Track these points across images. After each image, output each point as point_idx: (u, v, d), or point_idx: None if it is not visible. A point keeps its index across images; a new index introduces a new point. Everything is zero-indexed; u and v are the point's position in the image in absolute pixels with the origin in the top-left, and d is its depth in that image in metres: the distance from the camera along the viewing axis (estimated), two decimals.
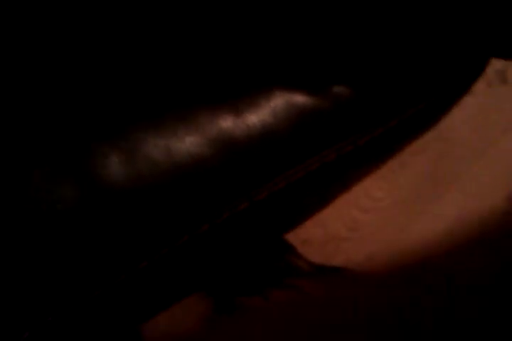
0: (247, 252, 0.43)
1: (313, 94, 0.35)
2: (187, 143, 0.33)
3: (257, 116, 0.34)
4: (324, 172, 0.36)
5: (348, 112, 0.35)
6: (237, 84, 0.34)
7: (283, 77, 0.35)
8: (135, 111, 0.33)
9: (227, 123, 0.33)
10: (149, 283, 0.34)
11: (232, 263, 0.44)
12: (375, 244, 0.67)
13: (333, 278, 0.57)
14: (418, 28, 0.37)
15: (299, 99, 0.35)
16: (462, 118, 0.75)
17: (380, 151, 0.39)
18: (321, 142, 0.35)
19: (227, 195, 0.33)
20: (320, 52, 0.36)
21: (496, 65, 0.79)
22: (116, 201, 0.31)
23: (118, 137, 0.32)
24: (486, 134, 0.76)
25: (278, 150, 0.34)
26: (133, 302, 0.36)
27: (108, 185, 0.31)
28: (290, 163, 0.34)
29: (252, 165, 0.33)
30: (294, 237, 0.54)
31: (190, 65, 0.34)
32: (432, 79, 0.37)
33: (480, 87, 0.79)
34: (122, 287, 0.32)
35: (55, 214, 0.30)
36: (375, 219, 0.69)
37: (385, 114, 0.36)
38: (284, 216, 0.39)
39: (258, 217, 0.35)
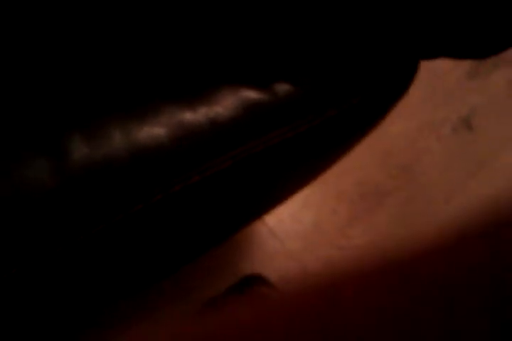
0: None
1: (258, 89, 0.40)
2: (144, 127, 0.38)
3: (208, 106, 0.39)
4: (269, 156, 0.40)
5: (289, 103, 0.40)
6: (193, 81, 0.40)
7: (233, 75, 0.40)
8: (104, 104, 0.38)
9: (182, 111, 0.39)
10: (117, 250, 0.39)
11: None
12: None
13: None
14: (352, 31, 0.43)
15: (246, 93, 0.40)
16: (430, 162, 0.80)
17: (324, 143, 0.43)
18: (264, 127, 0.40)
19: (179, 168, 0.38)
20: (264, 52, 0.41)
21: (461, 111, 0.84)
22: (80, 170, 0.36)
23: (86, 123, 0.37)
24: (453, 177, 0.80)
25: (223, 133, 0.39)
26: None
27: (73, 158, 0.36)
28: (234, 144, 0.39)
29: (200, 145, 0.38)
30: (262, 226, 0.57)
31: (156, 68, 0.40)
32: (364, 76, 0.43)
33: (445, 132, 0.84)
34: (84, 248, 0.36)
35: (32, 181, 0.35)
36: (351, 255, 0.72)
37: (322, 106, 0.41)
38: (241, 197, 0.43)
39: (211, 192, 0.39)
